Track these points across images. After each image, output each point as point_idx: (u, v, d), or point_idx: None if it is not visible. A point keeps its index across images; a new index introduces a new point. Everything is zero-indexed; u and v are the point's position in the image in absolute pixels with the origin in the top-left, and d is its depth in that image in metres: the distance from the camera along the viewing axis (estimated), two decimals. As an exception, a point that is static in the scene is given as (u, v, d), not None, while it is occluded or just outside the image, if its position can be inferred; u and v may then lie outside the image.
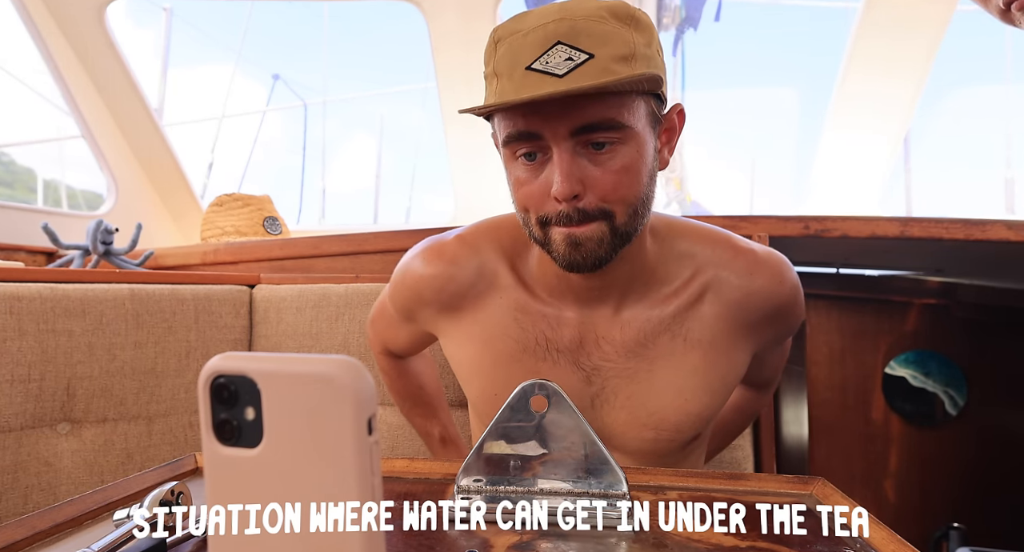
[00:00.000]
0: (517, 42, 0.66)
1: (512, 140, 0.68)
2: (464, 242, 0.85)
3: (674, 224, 0.82)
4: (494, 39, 0.69)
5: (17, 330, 1.02)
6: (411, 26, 2.34)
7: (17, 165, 4.78)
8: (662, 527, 0.56)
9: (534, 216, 0.71)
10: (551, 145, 0.67)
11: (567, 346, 0.80)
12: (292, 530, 0.32)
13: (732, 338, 0.80)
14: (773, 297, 0.79)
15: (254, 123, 7.74)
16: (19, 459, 1.01)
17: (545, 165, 0.69)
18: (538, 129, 0.66)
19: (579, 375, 0.81)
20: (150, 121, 2.31)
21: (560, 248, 0.70)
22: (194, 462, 0.72)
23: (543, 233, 0.71)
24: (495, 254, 0.83)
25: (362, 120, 17.92)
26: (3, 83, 3.11)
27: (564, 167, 0.66)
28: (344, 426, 0.30)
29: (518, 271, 0.83)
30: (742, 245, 0.80)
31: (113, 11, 2.11)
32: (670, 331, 0.79)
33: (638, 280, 0.79)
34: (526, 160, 0.69)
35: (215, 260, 1.71)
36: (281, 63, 13.94)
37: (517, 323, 0.81)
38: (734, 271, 0.79)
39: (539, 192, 0.69)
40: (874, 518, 0.55)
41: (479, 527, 0.56)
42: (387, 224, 3.35)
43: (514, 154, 0.70)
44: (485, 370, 0.83)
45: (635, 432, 0.81)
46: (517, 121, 0.67)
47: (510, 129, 0.68)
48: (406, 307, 0.90)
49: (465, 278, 0.83)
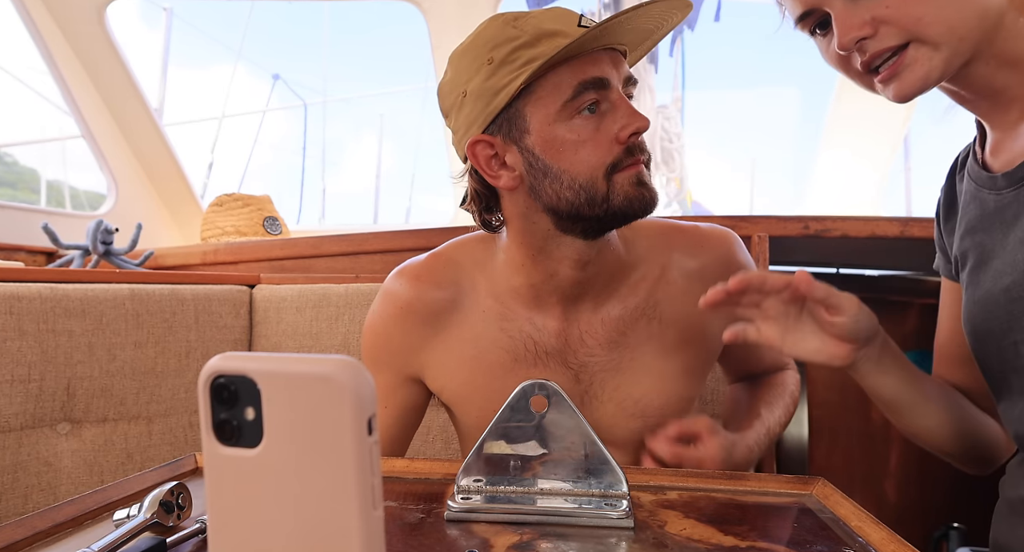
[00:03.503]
0: (543, 14, 0.72)
1: (585, 89, 0.71)
2: (438, 258, 0.87)
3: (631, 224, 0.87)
4: (508, 18, 0.73)
5: (17, 330, 1.02)
6: (411, 26, 2.34)
7: (20, 165, 4.79)
8: (662, 527, 0.56)
9: (603, 169, 0.73)
10: (614, 91, 0.73)
11: (554, 347, 0.82)
12: (292, 530, 0.32)
13: (702, 314, 0.82)
14: (725, 264, 0.84)
15: (254, 123, 7.76)
16: (19, 459, 1.01)
17: (604, 117, 0.73)
18: (607, 75, 0.72)
19: (568, 374, 0.82)
20: (150, 121, 2.31)
21: (631, 191, 0.73)
22: (194, 462, 0.72)
23: (607, 187, 0.73)
24: (470, 266, 0.85)
25: (362, 120, 17.93)
26: (5, 83, 3.12)
27: (632, 106, 0.73)
28: (344, 426, 0.30)
29: (494, 281, 0.84)
30: (687, 226, 0.88)
31: (113, 11, 2.11)
32: (645, 315, 0.83)
33: (614, 274, 0.82)
34: (589, 112, 0.72)
35: (215, 260, 1.71)
36: (281, 63, 13.96)
37: (504, 333, 0.82)
38: (685, 250, 0.85)
39: (606, 141, 0.73)
40: (874, 518, 0.55)
41: (479, 527, 0.56)
42: (387, 224, 3.35)
43: (578, 109, 0.72)
44: (480, 387, 0.83)
45: (624, 422, 0.83)
46: (588, 68, 0.71)
47: (582, 77, 0.71)
48: (389, 346, 0.86)
49: (447, 292, 0.84)
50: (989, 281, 0.69)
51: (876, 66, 0.62)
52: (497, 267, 0.84)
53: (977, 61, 0.62)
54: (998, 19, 0.60)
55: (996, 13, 0.60)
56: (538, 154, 0.73)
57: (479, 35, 0.74)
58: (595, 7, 4.05)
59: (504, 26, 0.72)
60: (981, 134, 0.72)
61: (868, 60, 0.61)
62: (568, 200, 0.73)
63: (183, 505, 0.56)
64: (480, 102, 0.73)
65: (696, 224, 0.88)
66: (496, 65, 0.71)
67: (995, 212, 0.69)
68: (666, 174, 4.21)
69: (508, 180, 0.75)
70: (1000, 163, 0.69)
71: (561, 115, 0.72)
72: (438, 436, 1.24)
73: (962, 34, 0.59)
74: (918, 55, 0.60)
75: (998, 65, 0.62)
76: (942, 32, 0.58)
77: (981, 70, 0.63)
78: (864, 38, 0.60)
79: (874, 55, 0.61)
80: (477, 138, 0.74)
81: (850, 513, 0.57)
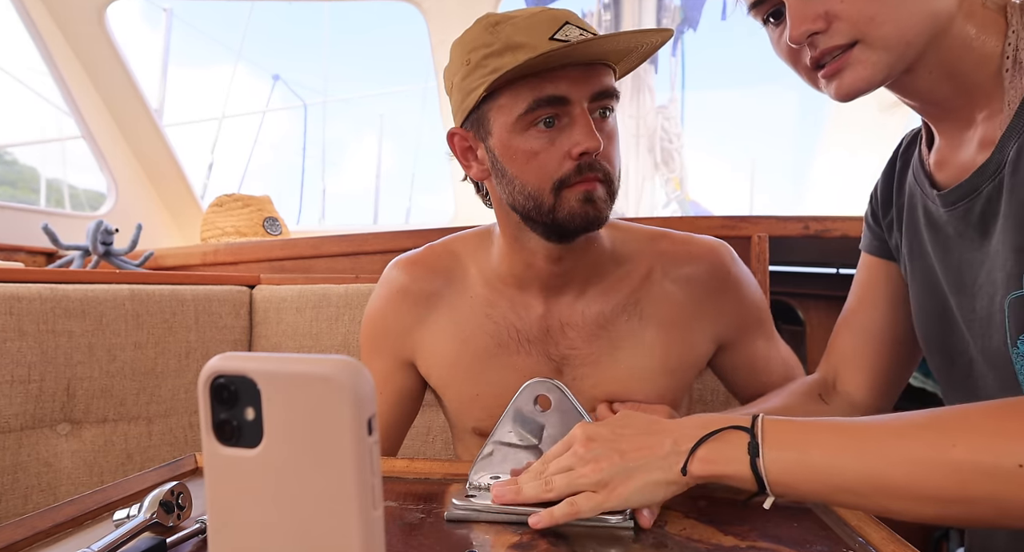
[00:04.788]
0: (523, 22, 0.71)
1: (539, 105, 0.71)
2: (433, 248, 0.91)
3: (619, 225, 0.89)
4: (491, 22, 0.73)
5: (17, 331, 1.02)
6: (411, 26, 2.34)
7: (20, 165, 4.79)
8: (662, 527, 0.56)
9: (550, 183, 0.73)
10: (575, 108, 0.72)
11: (536, 336, 0.84)
12: (292, 530, 0.32)
13: (686, 319, 0.84)
14: (714, 274, 0.85)
15: (254, 123, 7.76)
16: (19, 460, 1.01)
17: (562, 132, 0.73)
18: (565, 93, 0.71)
19: (550, 366, 0.84)
20: (150, 121, 2.31)
21: (576, 206, 0.73)
22: (194, 462, 0.72)
23: (555, 200, 0.74)
24: (465, 256, 0.89)
25: (362, 120, 17.92)
26: (5, 84, 3.12)
27: (592, 125, 0.72)
28: (344, 426, 0.30)
29: (484, 270, 0.87)
30: (679, 235, 0.88)
31: (113, 11, 2.11)
32: (627, 312, 0.83)
33: (597, 268, 0.83)
34: (545, 126, 0.73)
35: (215, 260, 1.71)
36: (281, 63, 13.94)
37: (489, 318, 0.85)
38: (673, 256, 0.86)
39: (557, 156, 0.73)
40: (874, 518, 0.55)
41: (479, 527, 0.56)
42: (387, 224, 3.35)
43: (532, 122, 0.73)
44: (463, 369, 0.85)
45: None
46: (545, 86, 0.71)
47: (537, 95, 0.71)
48: (385, 329, 0.89)
49: (440, 278, 0.88)
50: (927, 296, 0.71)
51: (823, 63, 0.61)
52: (489, 257, 0.86)
53: (920, 69, 0.61)
54: (947, 26, 0.59)
55: (946, 19, 0.58)
56: (498, 157, 0.76)
57: (466, 33, 0.76)
58: (594, 7, 4.05)
59: (483, 31, 0.73)
60: (928, 132, 0.71)
61: (818, 56, 0.60)
62: (520, 204, 0.76)
63: (183, 505, 0.56)
64: (458, 98, 0.77)
65: (690, 234, 0.89)
66: (471, 67, 0.73)
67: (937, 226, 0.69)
68: (665, 174, 4.20)
69: (478, 171, 0.80)
70: (944, 176, 0.67)
71: (517, 126, 0.73)
72: (438, 436, 1.24)
73: (910, 38, 0.58)
74: (862, 56, 0.59)
75: (940, 75, 0.61)
76: (891, 34, 0.57)
77: (924, 78, 0.62)
78: (816, 32, 0.59)
79: (824, 51, 0.60)
80: (454, 130, 0.80)
81: (850, 513, 0.57)
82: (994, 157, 0.59)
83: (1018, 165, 0.57)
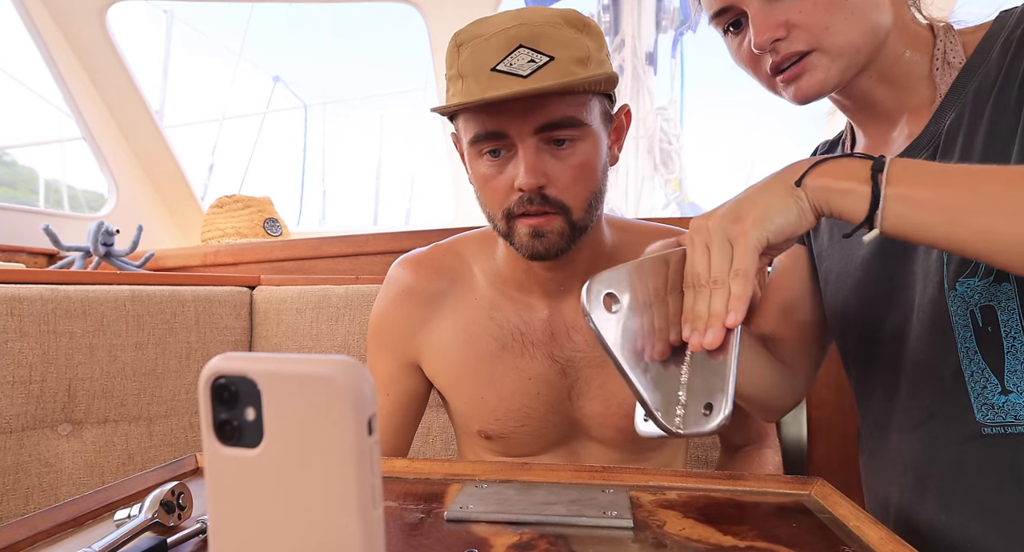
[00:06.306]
0: (480, 46, 0.70)
1: (479, 139, 0.72)
2: (439, 248, 0.91)
3: (628, 225, 0.89)
4: (456, 43, 0.73)
5: (18, 332, 1.02)
6: (411, 27, 2.34)
7: (19, 165, 4.79)
8: (661, 527, 0.56)
9: (500, 210, 0.74)
10: (516, 142, 0.71)
11: (540, 338, 0.83)
12: (292, 530, 0.32)
13: None
14: None
15: (255, 125, 7.76)
16: (20, 460, 1.02)
17: (509, 161, 0.73)
18: (504, 128, 0.71)
19: (555, 368, 0.83)
20: (151, 123, 2.31)
21: (524, 239, 0.74)
22: (195, 462, 0.72)
23: (507, 226, 0.75)
24: (470, 257, 0.89)
25: (362, 121, 17.91)
26: (4, 84, 3.12)
27: (529, 161, 0.70)
28: (344, 426, 0.30)
29: (488, 272, 0.87)
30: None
31: (114, 13, 2.11)
32: None
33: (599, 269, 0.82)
34: (491, 157, 0.73)
35: (215, 261, 1.71)
36: (282, 65, 13.96)
37: (493, 321, 0.85)
38: None
39: (504, 187, 0.73)
40: (872, 518, 0.55)
41: (479, 527, 0.57)
42: (387, 225, 3.35)
43: (480, 152, 0.74)
44: (469, 371, 0.85)
45: (611, 422, 0.83)
46: (484, 121, 0.71)
47: (477, 129, 0.72)
48: (391, 330, 0.89)
49: (445, 279, 0.88)
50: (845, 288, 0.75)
51: (783, 68, 0.66)
52: (492, 259, 0.87)
53: (862, 74, 0.67)
54: (886, 37, 0.66)
55: (885, 31, 0.65)
56: (468, 172, 0.78)
57: (450, 42, 0.75)
58: (595, 8, 4.05)
59: (453, 49, 0.74)
60: (851, 136, 0.78)
61: (779, 61, 0.65)
62: (489, 220, 0.78)
63: (184, 505, 0.56)
64: None
65: None
66: (447, 82, 0.75)
67: None
68: (665, 175, 4.21)
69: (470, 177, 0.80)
70: None
71: (471, 152, 0.75)
72: (438, 436, 1.24)
73: (859, 46, 0.64)
74: (819, 62, 0.64)
75: (878, 80, 0.68)
76: (843, 43, 0.63)
77: (864, 83, 0.68)
78: (778, 39, 0.64)
79: (785, 57, 0.64)
80: (453, 131, 0.80)
81: (848, 513, 0.57)
82: (928, 129, 0.66)
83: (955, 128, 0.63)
